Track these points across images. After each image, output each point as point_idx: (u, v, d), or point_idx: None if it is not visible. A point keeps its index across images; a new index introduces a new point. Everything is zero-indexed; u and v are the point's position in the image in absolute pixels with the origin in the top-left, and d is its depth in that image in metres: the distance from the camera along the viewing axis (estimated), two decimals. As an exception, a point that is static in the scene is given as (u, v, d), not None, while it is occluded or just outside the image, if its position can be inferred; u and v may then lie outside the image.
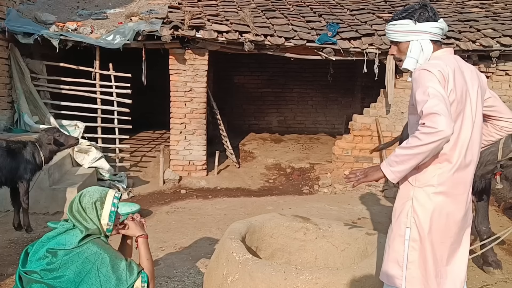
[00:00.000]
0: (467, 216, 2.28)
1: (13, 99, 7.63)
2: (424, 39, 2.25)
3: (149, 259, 2.46)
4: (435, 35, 2.26)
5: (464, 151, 2.18)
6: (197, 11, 8.06)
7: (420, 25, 2.24)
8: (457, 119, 2.14)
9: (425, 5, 2.28)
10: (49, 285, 2.20)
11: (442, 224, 2.18)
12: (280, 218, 3.63)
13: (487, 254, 4.30)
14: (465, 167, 2.20)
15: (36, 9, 8.43)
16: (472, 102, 2.20)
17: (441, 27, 2.27)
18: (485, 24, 8.17)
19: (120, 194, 2.51)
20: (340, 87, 11.73)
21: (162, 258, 4.51)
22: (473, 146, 2.23)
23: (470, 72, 2.26)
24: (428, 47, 2.24)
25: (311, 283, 2.60)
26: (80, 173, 6.89)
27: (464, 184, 2.22)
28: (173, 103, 7.90)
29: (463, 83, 2.16)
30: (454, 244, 2.23)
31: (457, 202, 2.20)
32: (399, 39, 2.31)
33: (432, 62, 2.16)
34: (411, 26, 2.25)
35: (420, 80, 2.10)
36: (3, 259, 4.48)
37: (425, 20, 2.24)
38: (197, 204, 6.75)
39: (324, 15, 8.66)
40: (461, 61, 2.28)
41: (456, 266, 2.26)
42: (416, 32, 2.25)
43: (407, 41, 2.28)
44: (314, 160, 8.98)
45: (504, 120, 2.49)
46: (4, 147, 4.97)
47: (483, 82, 2.34)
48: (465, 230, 2.29)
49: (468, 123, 2.18)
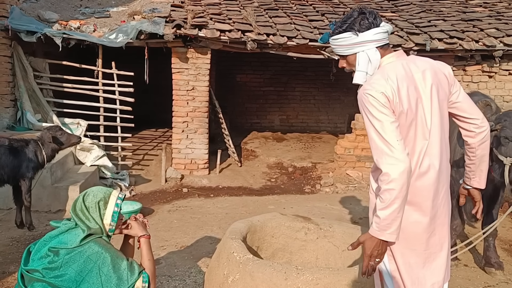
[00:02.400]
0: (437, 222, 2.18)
1: (16, 97, 7.65)
2: (370, 48, 2.15)
3: (150, 259, 2.47)
4: (381, 40, 2.16)
5: (420, 159, 2.10)
6: (200, 10, 8.06)
7: (363, 35, 2.14)
8: (409, 129, 2.08)
9: (363, 12, 2.17)
10: (51, 283, 2.21)
11: (409, 232, 2.12)
12: (281, 218, 3.63)
13: (489, 255, 4.29)
14: (424, 174, 2.12)
15: (39, 7, 8.44)
16: (425, 106, 2.11)
17: (385, 30, 2.16)
18: (488, 23, 8.15)
19: (124, 195, 2.52)
20: (342, 86, 11.71)
21: (163, 257, 4.52)
22: (432, 150, 2.12)
23: (422, 72, 2.14)
24: (375, 56, 2.15)
25: (312, 284, 2.60)
26: (82, 171, 6.91)
27: (427, 190, 2.13)
28: (175, 102, 7.91)
29: (412, 90, 2.07)
30: (428, 250, 2.17)
31: (421, 209, 2.13)
32: (345, 53, 2.22)
33: (374, 81, 2.07)
34: (353, 39, 2.15)
35: (364, 105, 2.06)
36: (5, 257, 4.49)
37: (366, 29, 2.14)
38: (199, 202, 6.76)
39: (327, 14, 8.65)
40: (413, 61, 2.18)
41: (434, 269, 2.19)
42: (360, 43, 2.15)
43: (354, 53, 2.19)
44: (316, 159, 8.97)
45: (466, 121, 2.30)
46: (7, 145, 4.98)
47: (444, 77, 2.20)
48: (438, 235, 2.19)
49: (421, 130, 2.10)
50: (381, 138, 1.99)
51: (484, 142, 2.32)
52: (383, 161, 1.97)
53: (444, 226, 2.23)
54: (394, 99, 2.03)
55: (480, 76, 7.87)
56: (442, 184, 2.20)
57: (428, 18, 8.51)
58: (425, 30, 7.82)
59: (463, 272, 4.33)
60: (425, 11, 9.13)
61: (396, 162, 1.94)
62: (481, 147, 2.33)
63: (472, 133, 2.30)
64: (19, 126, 7.43)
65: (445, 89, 2.20)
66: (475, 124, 2.28)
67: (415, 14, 8.84)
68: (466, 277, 4.22)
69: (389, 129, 1.99)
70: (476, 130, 2.29)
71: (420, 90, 2.11)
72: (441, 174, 2.18)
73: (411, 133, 2.09)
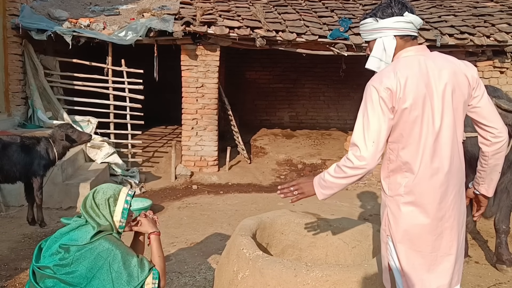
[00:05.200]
0: (445, 224, 2.13)
1: (27, 95, 7.72)
2: (387, 36, 2.17)
3: (160, 256, 2.47)
4: (401, 29, 2.15)
5: (426, 159, 2.07)
6: (209, 7, 8.06)
7: (382, 22, 2.17)
8: (413, 126, 2.05)
9: (391, 1, 2.19)
10: (62, 280, 2.23)
11: (413, 233, 2.11)
12: (291, 215, 3.62)
13: (501, 252, 4.26)
14: (433, 175, 2.08)
15: (49, 5, 8.50)
16: (435, 105, 2.06)
17: (408, 20, 2.15)
18: (499, 18, 8.06)
19: (134, 191, 2.53)
20: (352, 82, 11.66)
21: (173, 254, 4.54)
22: (442, 152, 2.08)
23: (439, 70, 2.08)
24: (391, 44, 2.16)
25: (322, 280, 2.59)
26: (93, 169, 6.95)
27: (434, 192, 2.09)
28: (184, 99, 7.92)
29: (421, 87, 2.04)
30: (434, 252, 2.13)
31: (426, 212, 2.10)
32: (367, 38, 2.26)
33: (383, 73, 2.09)
34: (373, 24, 2.20)
35: (365, 95, 2.11)
36: (17, 253, 4.54)
37: (387, 16, 2.16)
38: (209, 199, 6.78)
39: (336, 10, 8.61)
40: (432, 58, 2.13)
41: (440, 272, 2.15)
42: (379, 30, 2.18)
43: (374, 40, 2.23)
44: (325, 156, 8.95)
45: (484, 129, 2.23)
46: (19, 143, 5.03)
47: (464, 79, 2.12)
48: (446, 238, 2.14)
49: (428, 129, 2.06)
50: (362, 132, 2.08)
51: (498, 152, 2.25)
52: (353, 151, 2.10)
53: (454, 229, 2.16)
54: (398, 94, 2.03)
55: (492, 72, 7.79)
56: (453, 187, 2.14)
57: (439, 14, 8.43)
58: (435, 26, 7.75)
59: (474, 269, 4.30)
60: (436, 6, 9.04)
61: (361, 160, 2.07)
62: (495, 157, 2.27)
63: (487, 141, 2.24)
64: (30, 124, 7.49)
65: (463, 90, 2.12)
66: (492, 133, 2.21)
67: (425, 10, 8.77)
68: (477, 274, 4.20)
69: (373, 129, 2.06)
70: (492, 140, 2.22)
71: (432, 88, 2.07)
72: (452, 177, 2.12)
73: (415, 130, 2.06)
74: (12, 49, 7.43)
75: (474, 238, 5.00)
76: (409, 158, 2.08)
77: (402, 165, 2.11)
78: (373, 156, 2.06)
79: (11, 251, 4.59)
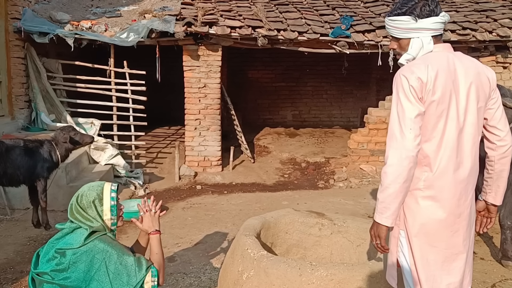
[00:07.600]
0: (463, 222, 2.15)
1: (30, 98, 7.74)
2: (426, 36, 2.15)
3: (158, 252, 2.45)
4: (437, 30, 2.15)
5: (448, 154, 2.08)
6: (210, 7, 8.06)
7: (422, 22, 2.12)
8: (439, 120, 2.06)
9: None
10: (61, 285, 2.22)
11: (430, 228, 2.11)
12: (295, 214, 3.62)
13: (506, 248, 4.24)
14: (454, 171, 2.09)
15: (51, 8, 8.51)
16: (460, 102, 2.09)
17: (443, 21, 2.16)
18: (502, 13, 8.04)
19: (117, 184, 2.50)
20: (355, 80, 11.65)
21: (178, 254, 4.55)
22: (463, 148, 2.11)
23: (465, 69, 2.12)
24: (429, 44, 2.15)
25: (326, 279, 2.59)
26: (97, 170, 6.97)
27: (454, 188, 2.10)
28: (187, 100, 7.93)
29: (449, 83, 2.06)
30: (449, 249, 2.14)
31: (445, 207, 2.10)
32: (399, 36, 2.21)
33: (414, 65, 2.09)
34: (411, 24, 2.14)
35: (396, 85, 2.10)
36: (23, 256, 4.56)
37: (426, 16, 2.12)
38: (213, 199, 6.78)
39: (337, 8, 8.60)
40: (459, 57, 2.16)
41: (453, 269, 2.15)
42: (417, 29, 2.14)
43: (408, 38, 2.18)
44: (329, 154, 8.94)
45: (490, 131, 2.25)
46: (22, 146, 5.04)
47: (486, 80, 2.16)
48: (463, 236, 2.16)
49: (452, 124, 2.07)
50: (398, 122, 2.04)
51: (504, 157, 2.27)
52: (390, 144, 2.05)
53: (469, 228, 2.18)
54: (428, 85, 2.03)
55: (494, 67, 7.76)
56: (471, 186, 2.17)
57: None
58: (437, 22, 7.72)
59: (479, 265, 4.28)
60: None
61: (401, 148, 2.00)
62: (501, 162, 2.27)
63: (493, 145, 2.26)
64: (34, 127, 7.52)
65: (485, 91, 2.16)
66: (498, 136, 2.24)
67: (427, 6, 8.73)
68: (483, 270, 4.18)
69: (408, 117, 2.02)
70: (498, 143, 2.24)
71: (458, 85, 2.09)
72: (471, 175, 2.15)
73: (440, 124, 2.07)
74: (15, 53, 7.45)
75: (479, 235, 4.99)
76: (430, 151, 2.09)
77: (422, 158, 2.10)
78: (413, 143, 2.01)
79: (17, 254, 4.61)
